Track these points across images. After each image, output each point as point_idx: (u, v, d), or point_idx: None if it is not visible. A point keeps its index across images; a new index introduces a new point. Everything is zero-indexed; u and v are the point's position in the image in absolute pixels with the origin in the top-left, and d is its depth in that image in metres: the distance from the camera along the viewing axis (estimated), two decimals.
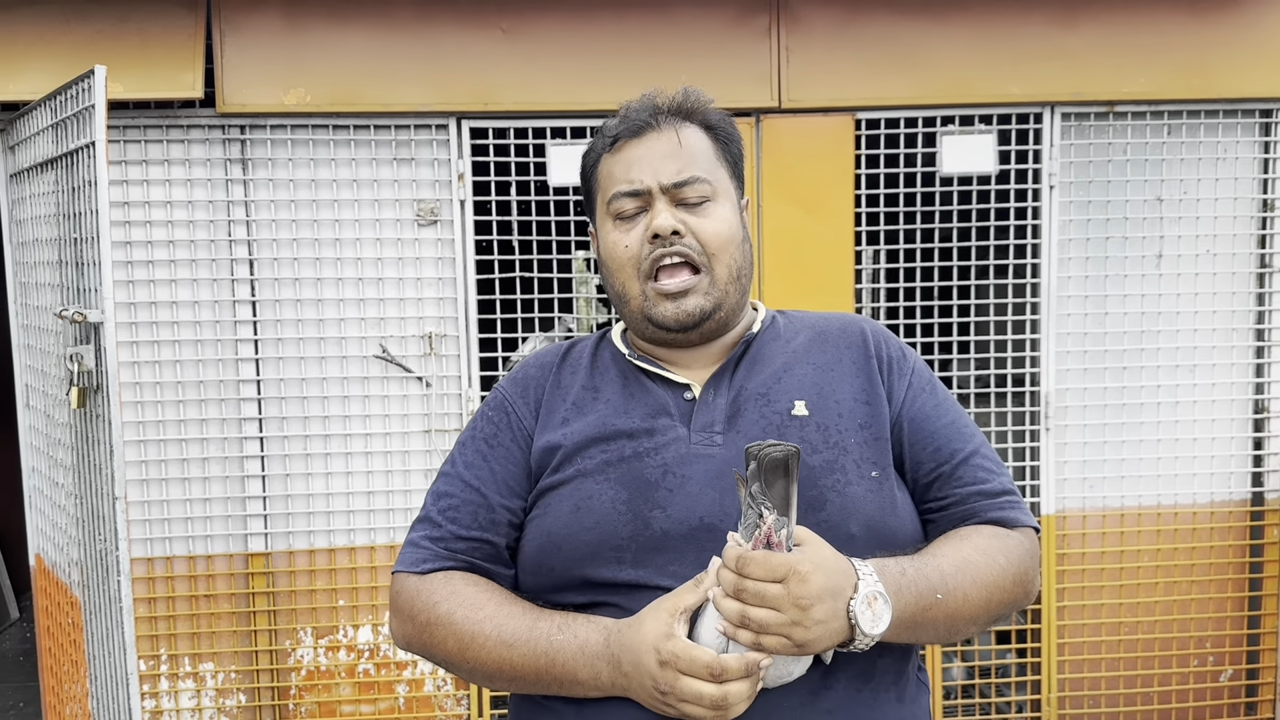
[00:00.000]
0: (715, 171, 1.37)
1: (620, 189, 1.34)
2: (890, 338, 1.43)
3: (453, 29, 3.16)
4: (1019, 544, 1.32)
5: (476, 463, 1.36)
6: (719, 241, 1.33)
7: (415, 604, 1.30)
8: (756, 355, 1.38)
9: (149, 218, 3.16)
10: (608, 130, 1.39)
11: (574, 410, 1.36)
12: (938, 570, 1.22)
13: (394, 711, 3.33)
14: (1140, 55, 3.30)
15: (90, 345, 2.46)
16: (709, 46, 3.21)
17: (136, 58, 3.05)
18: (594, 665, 1.19)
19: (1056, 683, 3.48)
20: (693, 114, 1.39)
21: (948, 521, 1.33)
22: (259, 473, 3.25)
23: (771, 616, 1.08)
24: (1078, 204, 3.40)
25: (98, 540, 2.56)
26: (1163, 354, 3.45)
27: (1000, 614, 1.30)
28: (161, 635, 3.25)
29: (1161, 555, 3.48)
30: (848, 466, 1.27)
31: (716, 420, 1.31)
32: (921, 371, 1.41)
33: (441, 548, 1.33)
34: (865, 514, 1.25)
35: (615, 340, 1.44)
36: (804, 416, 1.30)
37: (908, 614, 1.17)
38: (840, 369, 1.36)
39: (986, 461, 1.36)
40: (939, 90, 3.29)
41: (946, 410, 1.38)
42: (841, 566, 1.13)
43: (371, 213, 3.23)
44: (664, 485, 1.26)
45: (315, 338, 3.24)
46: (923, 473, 1.34)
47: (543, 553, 1.29)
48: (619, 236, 1.35)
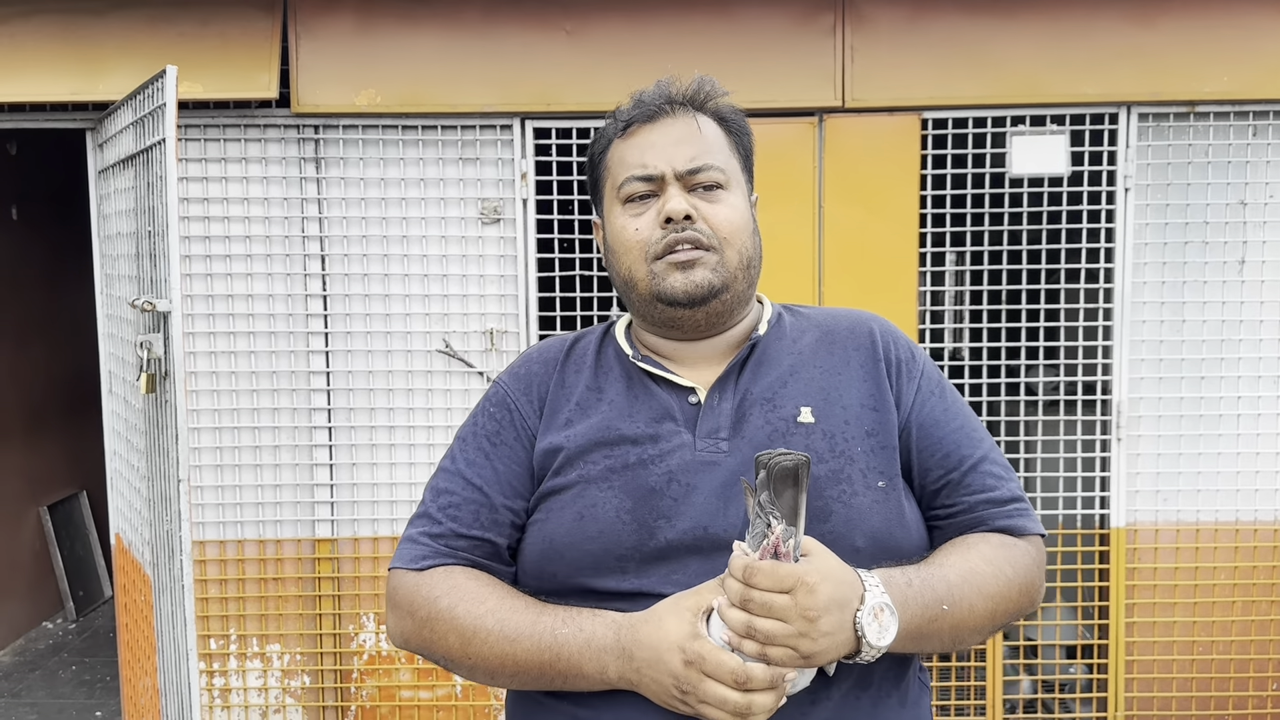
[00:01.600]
0: (728, 161, 1.35)
1: (633, 173, 1.32)
2: (899, 337, 1.39)
3: (517, 30, 3.21)
4: (1025, 553, 1.29)
5: (479, 460, 1.33)
6: (730, 228, 1.31)
7: (415, 599, 1.27)
8: (762, 356, 1.34)
9: (227, 214, 3.29)
10: (620, 115, 1.36)
11: (578, 411, 1.33)
12: (944, 581, 1.20)
13: (451, 698, 3.39)
14: (1223, 53, 3.18)
15: (159, 334, 2.58)
16: (771, 45, 3.21)
17: (216, 59, 3.17)
18: (601, 659, 1.17)
19: (1124, 700, 3.37)
20: (706, 104, 1.36)
21: (954, 529, 1.30)
22: (327, 461, 3.35)
23: (778, 628, 1.07)
24: (1155, 207, 3.30)
25: (165, 521, 2.68)
26: (1243, 364, 3.32)
27: (1005, 623, 1.28)
28: (231, 616, 3.37)
29: (1239, 573, 3.35)
30: (854, 476, 1.24)
31: (722, 426, 1.28)
32: (931, 374, 1.37)
33: (441, 544, 1.29)
34: (871, 526, 1.22)
35: (619, 338, 1.40)
36: (810, 424, 1.27)
37: (914, 625, 1.16)
38: (848, 372, 1.33)
39: (995, 467, 1.33)
40: (1009, 89, 3.22)
41: (956, 414, 1.34)
42: (848, 578, 1.12)
43: (437, 211, 3.30)
44: (669, 494, 1.23)
45: (382, 332, 3.32)
46: (931, 479, 1.31)
47: (544, 559, 1.27)
48: (629, 221, 1.32)
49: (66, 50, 3.20)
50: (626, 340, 1.39)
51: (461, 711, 3.39)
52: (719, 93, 1.38)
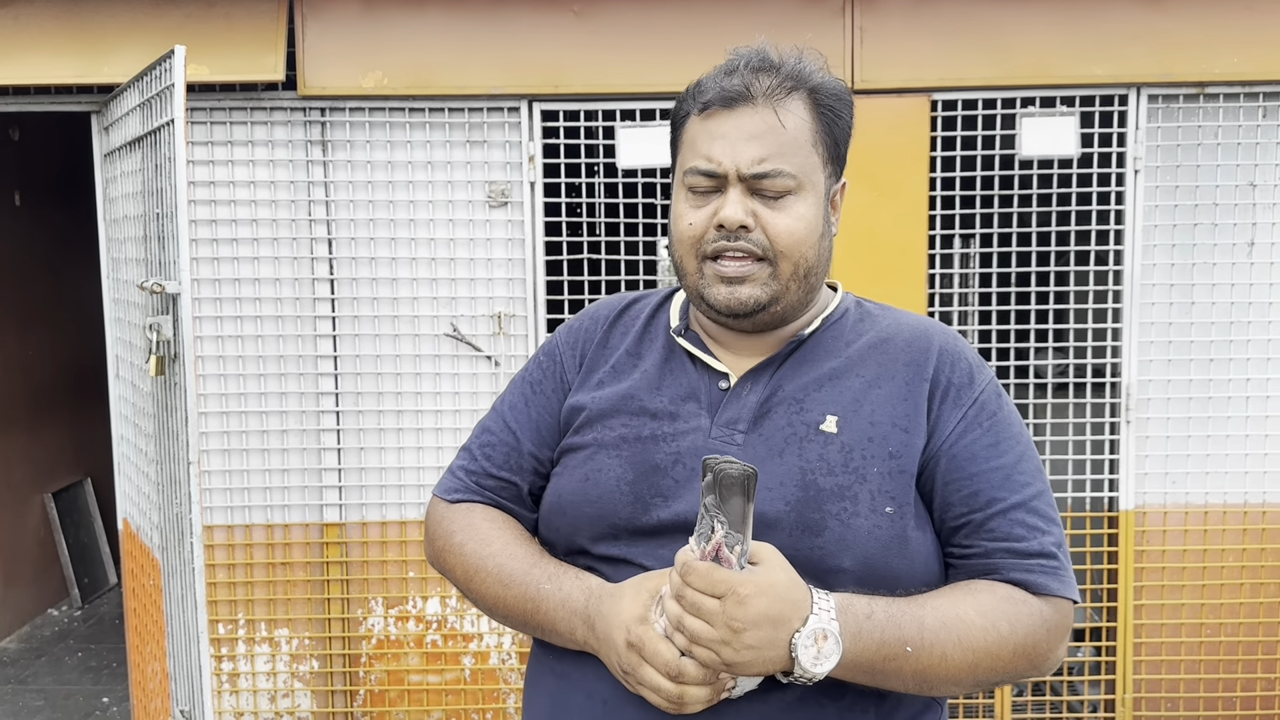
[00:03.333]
0: (807, 159, 1.24)
1: (697, 165, 1.25)
2: (960, 360, 1.28)
3: (525, 11, 3.19)
4: (1034, 612, 1.19)
5: (519, 405, 1.38)
6: (790, 240, 1.23)
7: (437, 529, 1.37)
8: (807, 354, 1.29)
9: (234, 197, 3.27)
10: (704, 88, 1.26)
11: (611, 374, 1.34)
12: (915, 621, 1.13)
13: (460, 683, 3.39)
14: (1233, 34, 3.17)
15: (169, 316, 2.57)
16: (780, 27, 3.19)
17: (222, 41, 3.16)
18: (570, 621, 1.22)
19: (1132, 683, 3.37)
20: (802, 83, 1.24)
21: (965, 573, 1.23)
22: (334, 445, 3.35)
23: (704, 630, 1.07)
24: (1164, 189, 3.28)
25: (174, 504, 2.67)
26: (1253, 346, 3.31)
27: (994, 681, 1.20)
28: (240, 601, 3.37)
29: (1248, 556, 3.35)
30: (860, 496, 1.19)
31: (742, 417, 1.25)
32: (985, 404, 1.26)
33: (473, 481, 1.37)
34: (864, 550, 1.17)
35: (673, 310, 1.38)
36: (831, 434, 1.22)
37: (864, 659, 1.11)
38: (889, 387, 1.25)
39: (1031, 517, 1.22)
40: (1019, 71, 3.21)
41: (1003, 453, 1.24)
42: (794, 596, 1.08)
43: (444, 194, 3.29)
44: (671, 474, 1.23)
45: (390, 316, 3.31)
46: (950, 516, 1.23)
47: (552, 513, 1.31)
48: (686, 210, 1.27)
49: (70, 32, 3.18)
50: (679, 312, 1.37)
51: (470, 695, 3.39)
52: (815, 70, 1.26)
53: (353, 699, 3.41)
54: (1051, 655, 1.22)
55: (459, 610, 3.37)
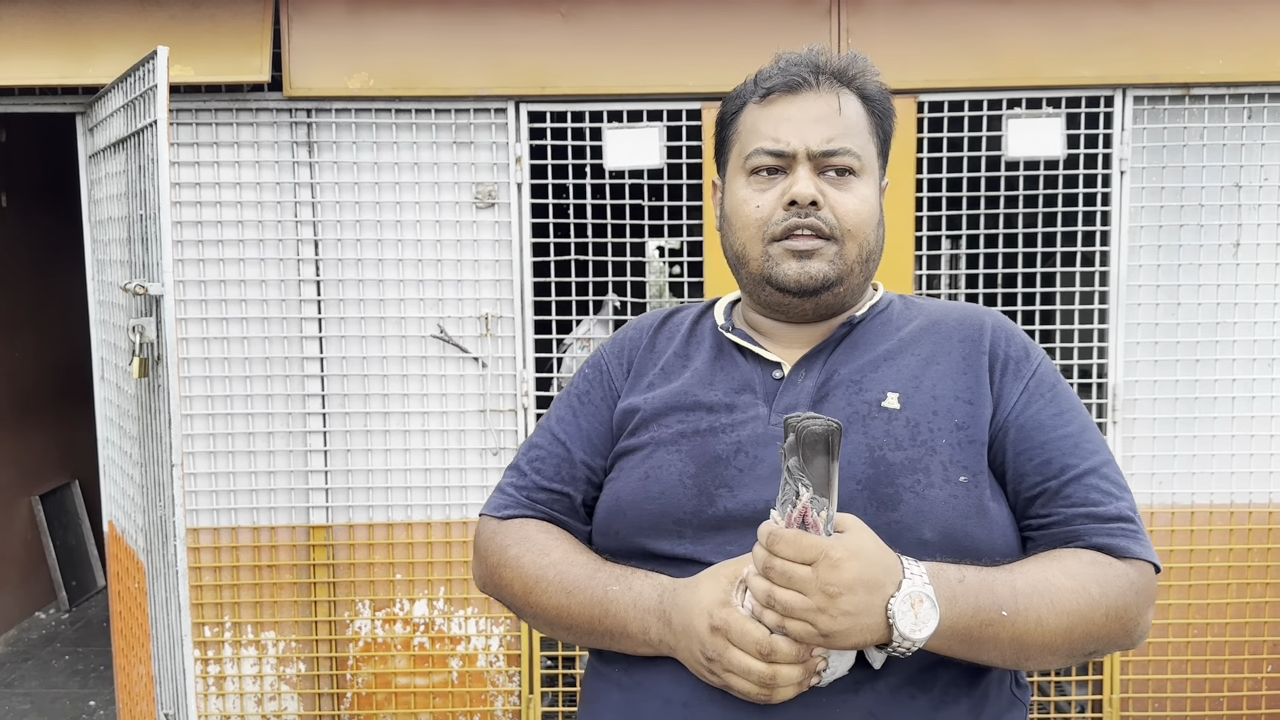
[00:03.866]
0: (866, 144, 1.29)
1: (764, 145, 1.27)
2: (1015, 336, 1.31)
3: (512, 12, 3.19)
4: (1122, 575, 1.18)
5: (567, 417, 1.38)
6: (856, 220, 1.26)
7: (490, 546, 1.33)
8: (859, 339, 1.31)
9: (219, 198, 3.26)
10: (762, 78, 1.30)
11: (661, 376, 1.34)
12: (1008, 586, 1.11)
13: (448, 685, 3.39)
14: (1218, 35, 3.18)
15: (152, 318, 2.56)
16: (768, 29, 3.19)
17: (207, 42, 3.15)
18: (644, 620, 1.18)
19: (1119, 683, 3.38)
20: (854, 80, 1.29)
21: (1047, 542, 1.21)
22: (321, 448, 3.34)
23: (797, 600, 1.03)
24: (1150, 190, 3.29)
25: (158, 507, 2.66)
26: (1239, 346, 3.32)
27: (1089, 649, 1.17)
28: (226, 604, 3.36)
29: (1234, 556, 3.35)
30: (932, 468, 1.18)
31: (801, 403, 1.25)
32: (1044, 377, 1.27)
33: (524, 496, 1.35)
34: (943, 520, 1.16)
35: (717, 312, 1.40)
36: (894, 410, 1.22)
37: (961, 625, 1.08)
38: (947, 362, 1.27)
39: (1104, 483, 1.22)
40: (1005, 72, 3.21)
41: (1068, 422, 1.25)
42: (885, 561, 1.06)
43: (431, 195, 3.28)
44: (734, 464, 1.22)
45: (376, 317, 3.31)
46: (1025, 486, 1.22)
47: (610, 516, 1.29)
48: (751, 194, 1.28)
49: (55, 33, 3.17)
50: (724, 314, 1.39)
51: (458, 698, 3.38)
52: (869, 70, 1.31)
53: (340, 702, 3.40)
54: (1142, 620, 1.20)
55: (446, 613, 3.37)
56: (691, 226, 3.30)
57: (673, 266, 7.84)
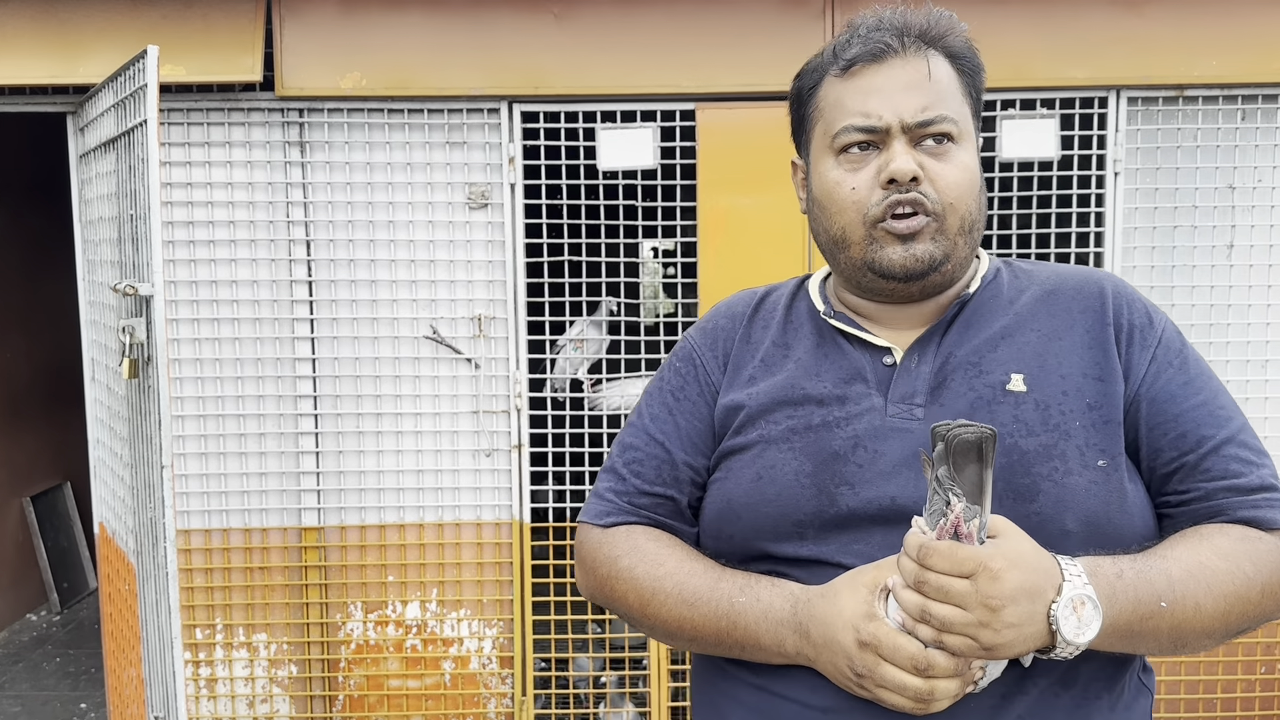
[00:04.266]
0: (961, 109, 1.21)
1: (853, 122, 1.19)
2: (1135, 300, 1.24)
3: (505, 12, 3.18)
4: (1273, 548, 1.14)
5: (662, 416, 1.31)
6: (958, 191, 1.18)
7: (597, 557, 1.28)
8: (972, 317, 1.23)
9: (211, 198, 3.25)
10: (841, 49, 1.22)
11: (762, 368, 1.27)
12: (1164, 574, 1.07)
13: (440, 688, 3.37)
14: (1212, 37, 3.18)
15: (142, 318, 2.54)
16: (761, 29, 3.18)
17: (199, 42, 3.13)
18: (778, 632, 1.13)
19: None
20: (940, 40, 1.22)
21: (1188, 518, 1.16)
22: (313, 449, 3.32)
23: (956, 615, 0.98)
24: (1144, 191, 3.29)
25: (148, 508, 2.65)
26: (1232, 348, 3.32)
27: (1245, 627, 1.14)
28: (217, 605, 3.34)
29: None
30: (1069, 453, 1.13)
31: (918, 390, 1.19)
32: (1170, 343, 1.21)
33: (625, 501, 1.29)
34: (1085, 508, 1.11)
35: (812, 293, 1.32)
36: (1021, 393, 1.16)
37: (1122, 622, 1.05)
38: (1070, 337, 1.20)
39: (1244, 451, 1.17)
40: (999, 73, 3.18)
41: (1199, 389, 1.19)
42: (1044, 564, 1.02)
43: (424, 195, 3.27)
44: (853, 460, 1.16)
45: (368, 318, 3.29)
46: (1162, 461, 1.17)
47: (722, 519, 1.23)
48: (843, 176, 1.20)
49: (46, 33, 3.15)
50: (820, 295, 1.31)
51: (450, 700, 3.37)
52: (956, 27, 1.24)
53: (332, 704, 3.38)
54: None
55: (439, 615, 3.35)
56: (685, 228, 3.30)
57: (667, 268, 7.83)
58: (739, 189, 3.14)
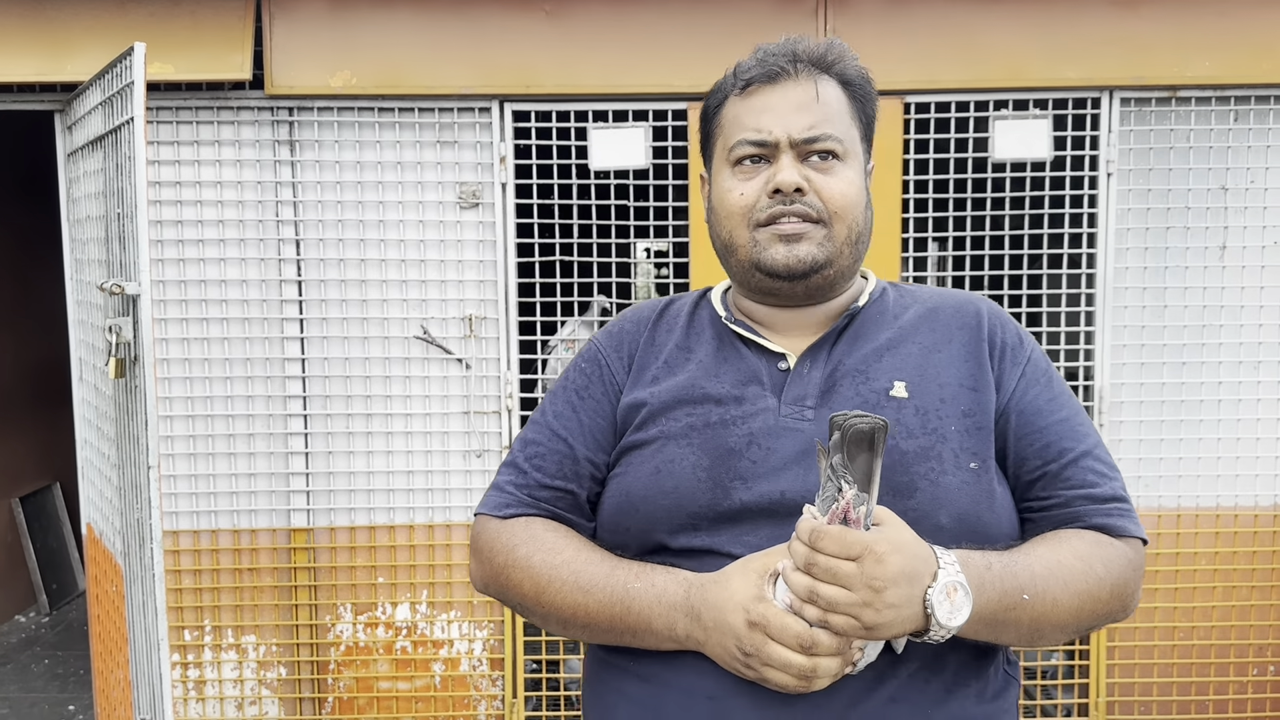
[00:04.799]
0: (848, 131, 1.30)
1: (746, 136, 1.29)
2: (1008, 323, 1.35)
3: (496, 11, 3.16)
4: (1122, 554, 1.24)
5: (565, 413, 1.35)
6: (843, 202, 1.28)
7: (494, 546, 1.31)
8: (860, 329, 1.32)
9: (199, 197, 3.23)
10: (741, 71, 1.32)
11: (665, 369, 1.33)
12: (1028, 570, 1.16)
13: (430, 689, 3.35)
14: (1205, 38, 3.17)
15: (129, 318, 2.52)
16: (753, 28, 3.17)
17: (188, 39, 3.11)
18: (670, 616, 1.18)
19: (1105, 686, 3.37)
20: (832, 66, 1.31)
21: (1048, 523, 1.27)
22: (302, 449, 3.30)
23: (842, 595, 1.05)
24: (1137, 192, 3.29)
25: (135, 509, 2.63)
26: (1225, 349, 3.32)
27: (1093, 624, 1.24)
28: (206, 607, 3.32)
29: (1220, 559, 3.35)
30: (944, 455, 1.21)
31: (809, 394, 1.26)
32: (1038, 362, 1.32)
33: (525, 494, 1.33)
34: (958, 506, 1.19)
35: (714, 301, 1.40)
36: (902, 399, 1.24)
37: (989, 610, 1.13)
38: (949, 350, 1.30)
39: (1099, 464, 1.28)
40: (992, 73, 3.20)
41: (1062, 407, 1.30)
42: (922, 552, 1.09)
43: (414, 195, 3.25)
44: (748, 456, 1.23)
45: (358, 318, 3.27)
46: (1027, 470, 1.27)
47: (620, 512, 1.28)
48: (735, 184, 1.30)
49: (33, 30, 3.13)
50: (721, 303, 1.39)
51: (440, 702, 3.35)
52: (847, 55, 1.33)
53: (321, 706, 3.36)
54: (1137, 593, 1.28)
55: (429, 616, 3.33)
56: (678, 227, 3.28)
57: (659, 268, 7.81)
58: None
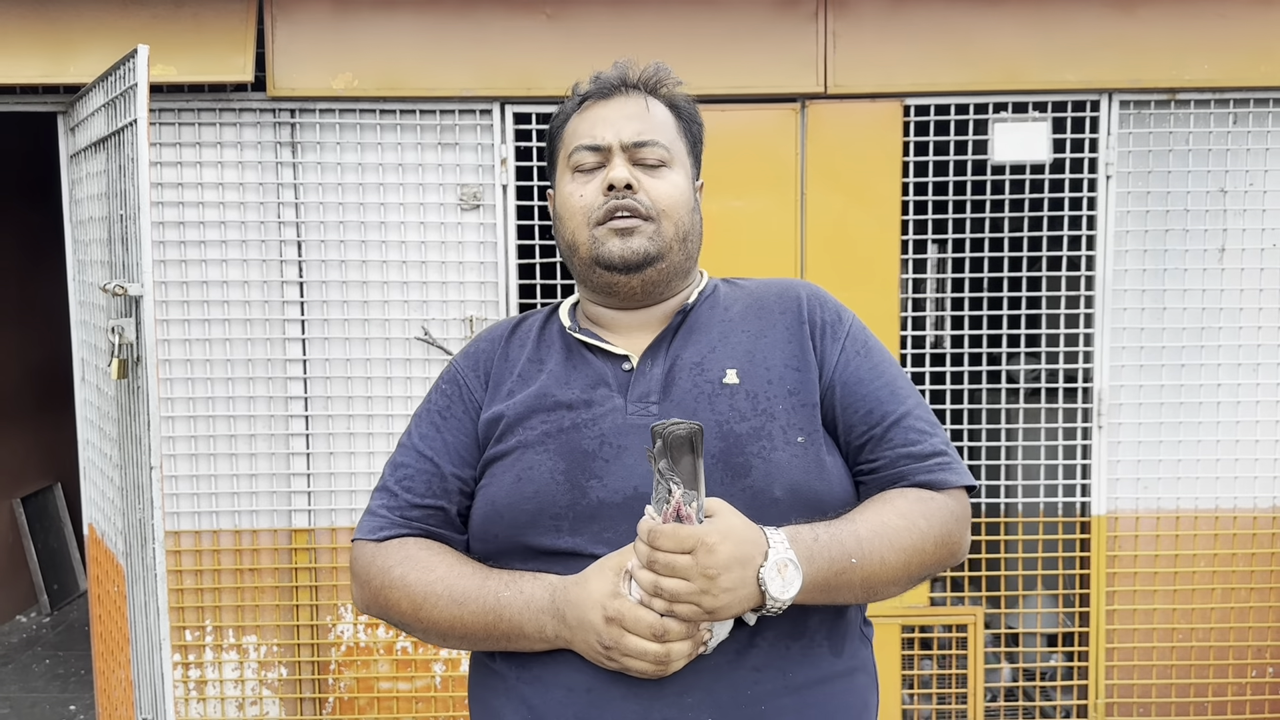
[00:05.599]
0: (675, 141, 1.43)
1: (582, 142, 1.40)
2: (827, 301, 1.45)
3: (498, 13, 3.18)
4: (943, 506, 1.34)
5: (430, 434, 1.41)
6: (669, 201, 1.39)
7: (371, 569, 1.37)
8: (694, 324, 1.42)
9: (202, 199, 3.24)
10: (578, 91, 1.46)
11: (519, 382, 1.41)
12: (853, 535, 1.26)
13: (430, 690, 3.36)
14: (1204, 40, 3.18)
15: (131, 318, 2.53)
16: (754, 31, 3.18)
17: (190, 41, 3.12)
18: (539, 619, 1.25)
19: (1104, 688, 3.37)
20: (659, 89, 1.45)
21: (877, 484, 1.36)
22: (303, 450, 3.31)
23: (681, 586, 1.14)
24: (1136, 195, 3.29)
25: (137, 509, 2.64)
26: (1223, 351, 3.33)
27: (925, 574, 1.34)
28: (207, 607, 3.33)
29: (1219, 560, 3.36)
30: (774, 433, 1.31)
31: (652, 390, 1.35)
32: (857, 335, 1.43)
33: (398, 515, 1.38)
34: (789, 478, 1.29)
35: (562, 315, 1.49)
36: (734, 385, 1.34)
37: (820, 578, 1.22)
38: (773, 335, 1.40)
39: (919, 423, 1.38)
40: (991, 76, 3.21)
41: (881, 373, 1.40)
42: (751, 535, 1.19)
43: (416, 196, 3.26)
44: (601, 455, 1.31)
45: (360, 319, 3.29)
46: (854, 436, 1.36)
47: (488, 520, 1.34)
48: (575, 188, 1.40)
49: (36, 32, 3.14)
50: (569, 315, 1.49)
51: (440, 702, 3.36)
52: (673, 80, 1.46)
53: (322, 706, 3.37)
54: (964, 541, 1.37)
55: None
56: None
57: None
58: (731, 191, 3.13)
